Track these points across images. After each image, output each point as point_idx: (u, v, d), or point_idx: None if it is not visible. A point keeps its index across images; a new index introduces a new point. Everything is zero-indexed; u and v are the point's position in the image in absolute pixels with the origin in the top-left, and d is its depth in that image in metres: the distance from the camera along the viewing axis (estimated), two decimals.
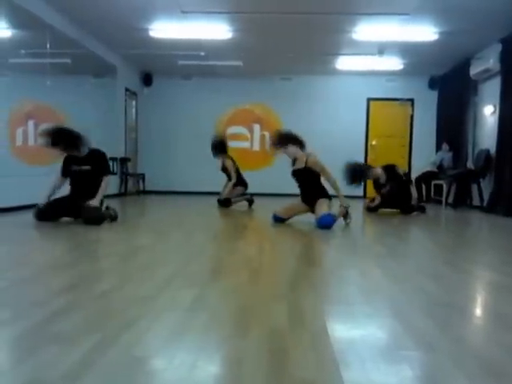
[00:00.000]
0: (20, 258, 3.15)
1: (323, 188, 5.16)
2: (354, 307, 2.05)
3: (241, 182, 7.57)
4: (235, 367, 1.40)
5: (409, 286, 2.51)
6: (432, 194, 9.14)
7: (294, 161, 5.25)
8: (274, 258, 3.32)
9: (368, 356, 1.49)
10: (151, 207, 7.90)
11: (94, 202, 4.66)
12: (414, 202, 6.89)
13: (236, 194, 7.48)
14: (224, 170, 7.62)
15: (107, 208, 4.95)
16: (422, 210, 7.00)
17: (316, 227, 4.76)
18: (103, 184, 4.80)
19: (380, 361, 1.46)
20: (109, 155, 8.79)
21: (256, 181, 9.64)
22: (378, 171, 7.03)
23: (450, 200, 8.34)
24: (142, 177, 10.33)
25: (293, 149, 5.18)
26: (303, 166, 5.10)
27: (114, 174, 4.85)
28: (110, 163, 8.83)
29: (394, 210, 6.90)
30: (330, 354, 1.49)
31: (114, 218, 4.95)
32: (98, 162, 4.89)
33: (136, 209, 7.60)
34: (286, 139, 5.21)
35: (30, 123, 8.36)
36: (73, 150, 4.81)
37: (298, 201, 5.30)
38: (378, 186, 7.07)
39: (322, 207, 4.90)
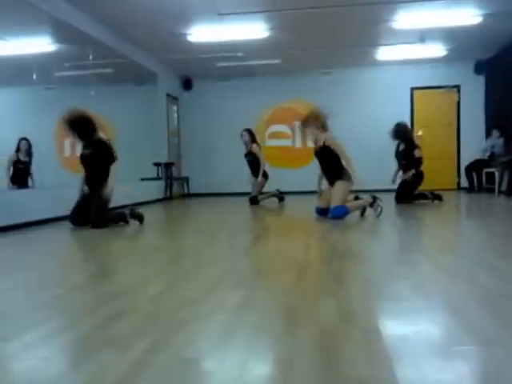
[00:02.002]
0: (72, 266, 3.26)
1: (343, 168, 5.26)
2: (405, 302, 2.00)
3: (264, 173, 7.94)
4: (286, 367, 1.40)
5: (462, 278, 2.43)
6: (484, 182, 8.82)
7: (316, 142, 5.44)
8: (318, 255, 3.29)
9: (422, 352, 1.45)
10: (196, 210, 8.00)
11: (107, 190, 4.89)
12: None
13: (261, 187, 7.91)
14: (250, 155, 7.99)
15: (132, 210, 5.15)
16: (439, 198, 7.00)
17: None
18: (111, 172, 4.97)
19: (435, 357, 1.41)
20: (153, 160, 9.13)
21: (300, 178, 9.64)
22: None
23: (503, 188, 8.01)
24: (186, 180, 10.49)
25: (313, 129, 5.34)
26: (321, 144, 5.29)
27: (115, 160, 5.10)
28: (155, 168, 9.17)
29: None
30: (382, 351, 1.47)
31: (137, 218, 5.09)
32: (102, 149, 5.06)
33: (181, 212, 7.72)
34: (307, 119, 5.40)
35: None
36: (84, 138, 5.07)
37: (328, 187, 5.42)
38: (396, 152, 7.50)
39: (337, 196, 5.09)
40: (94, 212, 4.89)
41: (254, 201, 7.73)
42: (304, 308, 1.96)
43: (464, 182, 9.42)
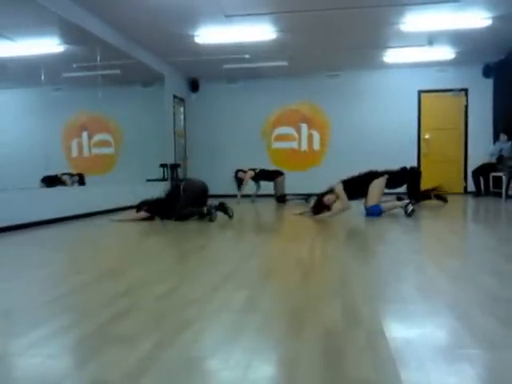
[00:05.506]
0: (80, 264, 3.28)
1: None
2: (411, 305, 1.99)
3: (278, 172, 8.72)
4: (290, 368, 1.40)
5: (468, 282, 2.42)
6: (491, 186, 8.78)
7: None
8: (326, 257, 3.28)
9: (427, 355, 1.44)
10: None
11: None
12: None
13: (283, 185, 8.54)
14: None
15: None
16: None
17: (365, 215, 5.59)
18: None
19: (439, 360, 1.41)
20: (159, 162, 9.18)
21: (305, 180, 9.65)
22: None
23: (511, 192, 7.97)
24: None
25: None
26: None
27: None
28: (161, 170, 9.24)
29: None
30: (387, 353, 1.46)
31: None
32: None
33: None
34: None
35: (84, 134, 8.71)
36: None
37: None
38: None
39: (372, 196, 5.64)
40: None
41: (281, 200, 8.33)
42: (309, 309, 1.96)
43: (471, 186, 9.38)
